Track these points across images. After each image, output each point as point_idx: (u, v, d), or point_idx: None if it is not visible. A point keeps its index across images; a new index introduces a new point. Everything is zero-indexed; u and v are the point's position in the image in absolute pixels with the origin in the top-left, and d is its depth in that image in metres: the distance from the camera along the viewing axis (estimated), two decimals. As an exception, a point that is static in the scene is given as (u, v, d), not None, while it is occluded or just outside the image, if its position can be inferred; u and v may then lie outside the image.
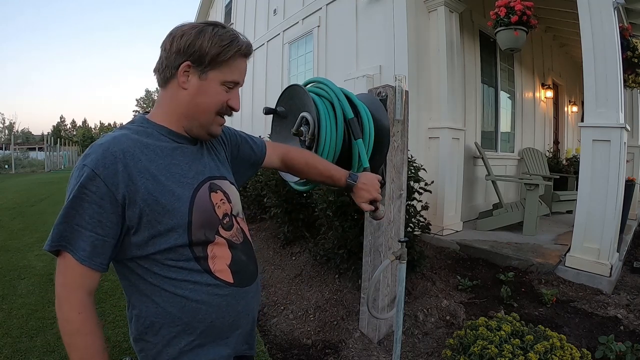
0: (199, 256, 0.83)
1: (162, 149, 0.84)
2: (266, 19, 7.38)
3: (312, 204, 3.04)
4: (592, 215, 2.77)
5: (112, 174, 0.75)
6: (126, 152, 0.78)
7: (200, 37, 0.82)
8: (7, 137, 35.51)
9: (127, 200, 0.76)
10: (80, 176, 0.75)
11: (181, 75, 0.83)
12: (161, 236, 0.80)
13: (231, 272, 0.88)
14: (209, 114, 0.87)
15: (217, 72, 0.84)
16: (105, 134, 0.83)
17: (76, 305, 0.75)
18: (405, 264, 1.47)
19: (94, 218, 0.75)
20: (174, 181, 0.83)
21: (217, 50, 0.82)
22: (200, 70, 0.83)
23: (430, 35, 4.15)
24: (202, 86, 0.84)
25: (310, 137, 1.43)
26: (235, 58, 0.85)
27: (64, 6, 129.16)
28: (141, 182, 0.78)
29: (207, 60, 0.82)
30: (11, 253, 3.98)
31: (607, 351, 1.87)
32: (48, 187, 10.29)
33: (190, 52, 0.81)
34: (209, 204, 0.87)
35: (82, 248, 0.75)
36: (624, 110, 2.93)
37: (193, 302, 0.82)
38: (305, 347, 2.15)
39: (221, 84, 0.85)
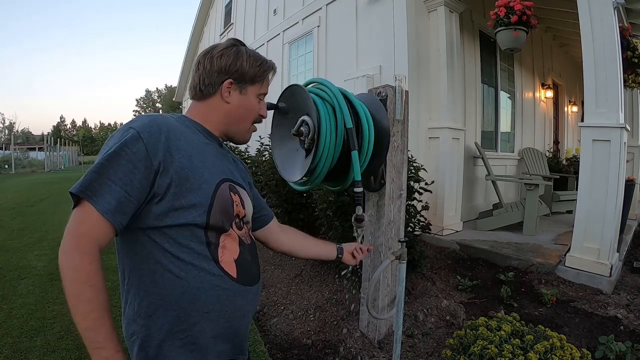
0: (210, 241, 0.85)
1: (197, 141, 0.91)
2: (266, 19, 7.38)
3: (312, 204, 3.04)
4: (592, 215, 2.77)
5: (155, 141, 0.80)
6: (170, 128, 0.85)
7: (239, 58, 0.95)
8: (7, 137, 35.52)
9: (161, 168, 0.80)
10: (125, 136, 0.78)
11: (224, 90, 0.95)
12: (182, 210, 0.82)
13: (236, 267, 0.89)
14: (248, 122, 1.01)
15: (254, 87, 0.98)
16: (146, 114, 0.89)
17: (88, 254, 0.74)
18: (405, 264, 1.47)
19: (126, 176, 0.76)
20: (205, 167, 0.88)
21: (255, 70, 0.96)
22: (240, 86, 0.96)
23: (430, 35, 4.15)
24: (242, 100, 0.97)
25: (309, 141, 1.43)
26: (268, 75, 1.01)
27: (65, 8, 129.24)
28: (177, 156, 0.82)
29: (247, 78, 0.96)
30: (11, 253, 3.98)
31: (607, 351, 1.87)
32: (48, 187, 10.29)
33: (231, 71, 0.94)
34: (229, 197, 0.91)
35: (107, 201, 0.75)
36: (624, 110, 2.93)
37: (193, 289, 0.82)
38: (305, 347, 2.15)
39: (256, 97, 0.99)
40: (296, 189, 1.71)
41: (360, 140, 1.61)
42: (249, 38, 8.26)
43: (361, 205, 1.47)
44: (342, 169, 1.60)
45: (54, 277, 3.24)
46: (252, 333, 2.28)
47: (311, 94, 1.51)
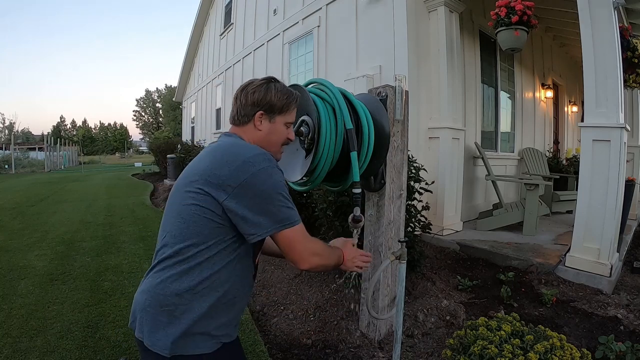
0: (255, 252, 1.12)
1: None
2: (266, 19, 7.38)
3: (312, 204, 3.04)
4: (592, 215, 2.77)
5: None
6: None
7: (269, 93, 1.12)
8: (7, 137, 35.52)
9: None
10: (279, 173, 1.04)
11: (257, 120, 1.13)
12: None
13: (255, 267, 1.15)
14: (277, 145, 1.18)
15: (282, 117, 1.15)
16: (254, 146, 1.09)
17: (317, 244, 1.11)
18: (405, 264, 1.47)
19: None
20: None
21: (282, 103, 1.13)
22: (270, 116, 1.14)
23: (430, 35, 4.15)
24: (272, 128, 1.15)
25: (309, 141, 1.43)
26: (293, 107, 1.18)
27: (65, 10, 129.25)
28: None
29: (276, 110, 1.13)
30: (11, 253, 3.98)
31: (607, 351, 1.87)
32: (48, 187, 10.29)
33: (262, 104, 1.12)
34: None
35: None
36: (624, 110, 2.93)
37: (235, 280, 1.05)
38: (305, 347, 2.15)
39: (283, 124, 1.17)
40: (296, 189, 1.71)
41: (360, 141, 1.61)
42: (249, 38, 8.26)
43: (359, 205, 1.47)
44: (342, 169, 1.60)
45: (54, 277, 3.24)
46: (252, 333, 2.28)
47: (311, 94, 1.51)
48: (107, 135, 60.80)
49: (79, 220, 5.71)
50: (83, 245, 4.27)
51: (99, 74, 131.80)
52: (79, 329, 2.38)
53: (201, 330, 0.99)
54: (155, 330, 0.97)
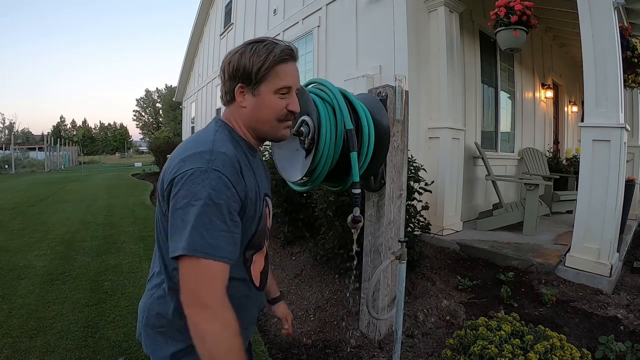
0: (247, 258, 0.93)
1: (246, 162, 0.92)
2: (266, 19, 7.38)
3: (312, 204, 3.04)
4: (592, 215, 2.77)
5: (237, 179, 0.82)
6: (240, 160, 0.87)
7: (242, 59, 0.89)
8: (7, 137, 35.52)
9: (243, 204, 0.85)
10: (216, 181, 0.78)
11: (238, 96, 0.92)
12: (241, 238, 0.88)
13: (260, 277, 0.99)
14: (271, 122, 0.93)
15: (266, 85, 0.90)
16: (213, 138, 0.88)
17: (228, 318, 0.75)
18: (405, 264, 1.47)
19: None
20: (255, 193, 0.91)
21: (257, 66, 0.88)
22: (251, 87, 0.90)
23: (430, 35, 4.15)
24: (257, 101, 0.91)
25: (309, 141, 1.43)
26: (277, 66, 0.90)
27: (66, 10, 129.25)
28: (247, 186, 0.86)
29: (253, 77, 0.89)
30: (11, 253, 3.98)
31: (607, 351, 1.87)
32: (48, 187, 10.29)
33: (238, 75, 0.90)
34: (266, 217, 0.97)
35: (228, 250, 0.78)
36: (624, 110, 2.93)
37: (235, 301, 0.84)
38: (306, 346, 2.15)
39: (274, 93, 0.91)
40: (296, 190, 1.71)
41: (360, 141, 1.61)
42: (249, 38, 8.23)
43: (359, 206, 1.47)
44: (342, 169, 1.60)
45: (54, 277, 3.24)
46: (252, 333, 2.28)
47: (311, 94, 1.51)
48: (107, 135, 60.81)
49: (79, 220, 5.71)
50: (83, 245, 4.27)
51: (99, 73, 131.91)
52: (79, 329, 2.38)
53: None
54: (155, 349, 0.92)
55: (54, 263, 3.63)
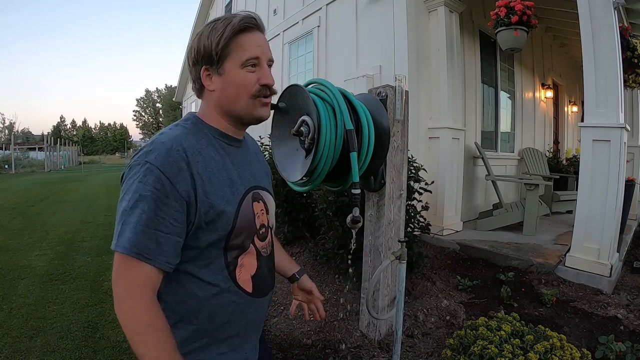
0: (230, 262, 0.85)
1: (215, 153, 0.86)
2: (266, 19, 7.37)
3: (312, 204, 3.04)
4: (592, 215, 2.77)
5: (176, 172, 0.76)
6: (187, 151, 0.79)
7: (201, 39, 0.83)
8: (7, 137, 35.50)
9: (189, 199, 0.77)
10: (145, 174, 0.74)
11: (205, 80, 0.85)
12: (203, 237, 0.81)
13: (252, 282, 0.89)
14: (243, 100, 0.85)
15: (230, 60, 0.83)
16: (164, 131, 0.84)
17: (142, 301, 0.73)
18: (405, 264, 1.47)
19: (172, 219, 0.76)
20: (225, 187, 0.84)
21: (216, 42, 0.81)
22: (216, 68, 0.84)
23: (430, 35, 4.15)
24: (224, 80, 0.84)
25: (309, 141, 1.43)
26: (238, 38, 0.83)
27: (66, 9, 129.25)
28: (199, 183, 0.79)
29: (214, 55, 0.82)
30: (11, 253, 3.98)
31: (607, 351, 1.87)
32: (48, 187, 10.29)
33: (200, 58, 0.84)
34: (251, 213, 0.88)
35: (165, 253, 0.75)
36: (624, 110, 2.93)
37: (211, 306, 0.83)
38: (305, 347, 2.15)
39: (241, 67, 0.83)
40: (296, 190, 1.71)
41: (360, 141, 1.61)
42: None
43: (359, 206, 1.47)
44: (342, 169, 1.60)
45: (54, 277, 3.24)
46: (252, 333, 2.28)
47: (311, 94, 1.51)
48: (107, 135, 60.82)
49: (79, 220, 5.71)
50: (83, 245, 4.27)
51: (99, 73, 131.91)
52: (79, 329, 2.38)
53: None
54: None
55: (54, 263, 3.63)
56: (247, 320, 0.91)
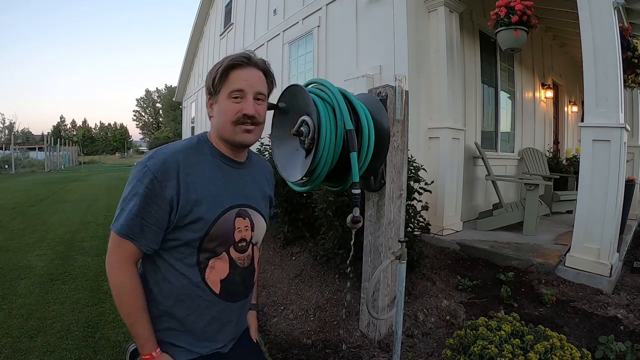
0: (201, 261, 1.00)
1: (209, 169, 1.02)
2: (266, 19, 7.38)
3: (312, 204, 3.04)
4: (592, 215, 2.77)
5: (167, 178, 0.94)
6: (180, 163, 0.96)
7: (209, 75, 1.01)
8: (7, 137, 35.50)
9: (172, 202, 0.95)
10: (143, 175, 0.94)
11: (209, 108, 1.05)
12: (181, 235, 0.97)
13: (221, 285, 1.03)
14: (228, 125, 1.01)
15: (223, 92, 1.00)
16: (170, 144, 1.03)
17: (119, 278, 0.95)
18: (405, 264, 1.47)
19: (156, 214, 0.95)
20: (212, 196, 0.99)
21: (212, 77, 0.99)
22: (214, 98, 1.02)
23: (430, 35, 4.15)
24: (218, 109, 1.02)
25: (309, 141, 1.43)
26: (228, 73, 0.99)
27: (65, 9, 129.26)
28: (183, 190, 0.95)
29: (212, 88, 1.00)
30: (11, 253, 3.98)
31: (607, 351, 1.87)
32: (48, 187, 10.29)
33: (207, 91, 1.03)
34: (230, 225, 1.02)
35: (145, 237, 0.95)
36: (624, 110, 2.93)
37: (180, 294, 0.99)
38: (306, 346, 2.15)
39: (228, 98, 0.99)
40: (296, 190, 1.71)
41: (360, 141, 1.61)
42: (249, 38, 8.26)
43: (358, 206, 1.47)
44: (342, 169, 1.60)
45: (54, 277, 3.24)
46: (252, 333, 2.27)
47: (311, 94, 1.51)
48: (107, 135, 60.80)
49: (79, 220, 5.71)
50: (83, 245, 4.28)
51: (99, 73, 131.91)
52: (79, 329, 2.38)
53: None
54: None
55: (54, 263, 3.63)
56: (212, 317, 1.03)
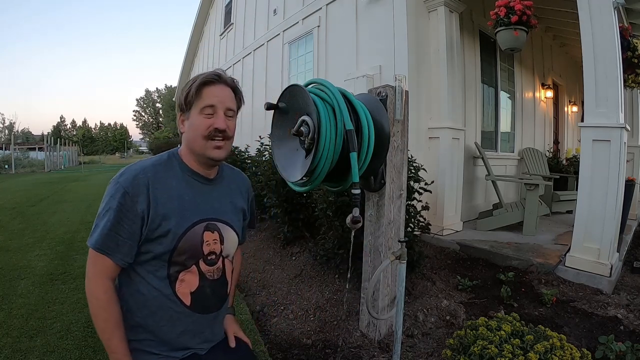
0: (171, 274, 1.03)
1: (177, 185, 1.05)
2: (266, 19, 7.38)
3: (312, 204, 3.04)
4: (592, 215, 2.77)
5: (138, 193, 0.98)
6: (150, 179, 1.01)
7: (178, 92, 1.08)
8: (7, 137, 35.51)
9: (143, 215, 0.98)
10: (116, 191, 0.99)
11: (180, 124, 1.10)
12: (152, 248, 1.01)
13: (191, 298, 1.06)
14: (199, 140, 1.05)
15: (194, 108, 1.04)
16: (141, 161, 1.07)
17: (93, 291, 0.98)
18: (405, 264, 1.47)
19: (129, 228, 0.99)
20: (176, 212, 1.02)
21: (185, 94, 1.04)
22: (186, 114, 1.07)
23: (430, 35, 4.15)
24: (189, 124, 1.06)
25: (309, 141, 1.43)
26: (200, 90, 1.03)
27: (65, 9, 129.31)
28: (153, 204, 0.99)
29: (185, 105, 1.05)
30: (11, 253, 3.98)
31: (607, 351, 1.87)
32: (48, 187, 10.29)
33: (178, 107, 1.09)
34: (198, 239, 1.06)
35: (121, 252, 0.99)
36: (624, 110, 2.93)
37: (152, 305, 1.03)
38: (305, 346, 2.15)
39: (200, 114, 1.04)
40: (296, 190, 1.71)
41: (360, 141, 1.61)
42: (249, 38, 8.26)
43: (358, 206, 1.47)
44: (342, 169, 1.60)
45: (54, 277, 3.24)
46: (252, 333, 2.28)
47: (311, 94, 1.51)
48: (107, 135, 60.82)
49: (79, 220, 5.71)
50: (83, 245, 4.27)
51: (99, 73, 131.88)
52: (79, 329, 2.38)
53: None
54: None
55: (54, 263, 3.63)
56: (184, 329, 1.06)
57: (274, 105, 1.53)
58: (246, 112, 8.11)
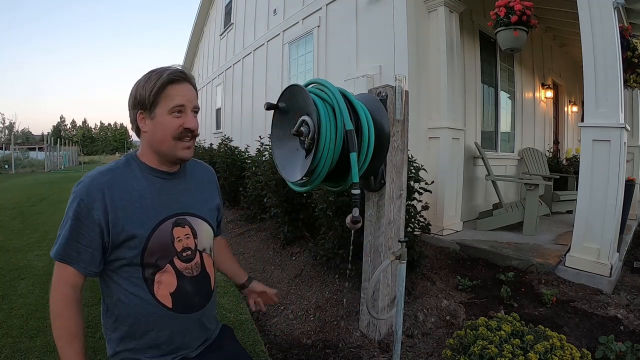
0: (147, 277, 1.00)
1: (138, 184, 1.02)
2: (266, 19, 7.38)
3: (312, 204, 3.03)
4: (592, 215, 2.77)
5: (93, 200, 0.95)
6: (105, 185, 0.97)
7: (137, 88, 0.99)
8: (7, 137, 35.50)
9: (101, 223, 0.96)
10: (73, 200, 0.97)
11: (140, 122, 1.02)
12: (121, 254, 0.99)
13: (172, 299, 1.03)
14: (168, 141, 1.01)
15: (160, 107, 0.99)
16: (98, 167, 1.04)
17: (60, 293, 0.97)
18: (405, 264, 1.47)
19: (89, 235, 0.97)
20: (143, 211, 1.00)
21: (148, 92, 0.97)
22: (148, 112, 1.00)
23: (430, 35, 4.15)
24: (154, 124, 1.00)
25: (309, 141, 1.43)
26: (167, 88, 0.98)
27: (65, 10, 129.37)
28: (111, 210, 0.96)
29: (147, 102, 0.98)
30: (11, 253, 3.98)
31: (607, 351, 1.87)
32: (48, 187, 10.29)
33: (136, 103, 1.00)
34: (168, 237, 1.02)
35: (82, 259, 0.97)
36: (624, 110, 2.93)
37: (136, 313, 1.01)
38: (305, 347, 2.15)
39: (169, 114, 0.99)
40: (295, 190, 1.71)
41: (360, 141, 1.61)
42: (249, 38, 8.26)
43: (358, 206, 1.47)
44: (342, 169, 1.60)
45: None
46: (252, 333, 2.28)
47: (311, 94, 1.51)
48: (107, 135, 60.83)
49: (79, 220, 5.70)
50: (83, 245, 4.27)
51: (99, 73, 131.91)
52: (79, 329, 2.38)
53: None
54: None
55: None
56: (172, 331, 1.04)
57: (274, 105, 1.53)
58: (246, 112, 8.12)
